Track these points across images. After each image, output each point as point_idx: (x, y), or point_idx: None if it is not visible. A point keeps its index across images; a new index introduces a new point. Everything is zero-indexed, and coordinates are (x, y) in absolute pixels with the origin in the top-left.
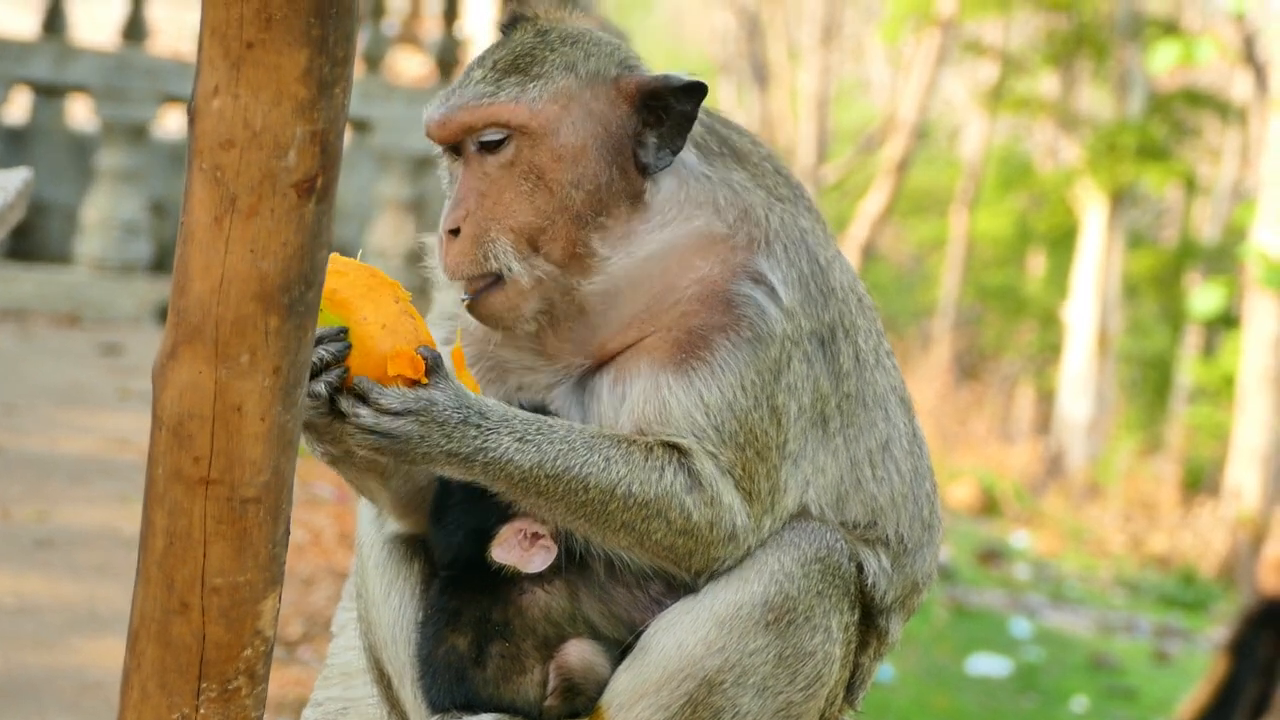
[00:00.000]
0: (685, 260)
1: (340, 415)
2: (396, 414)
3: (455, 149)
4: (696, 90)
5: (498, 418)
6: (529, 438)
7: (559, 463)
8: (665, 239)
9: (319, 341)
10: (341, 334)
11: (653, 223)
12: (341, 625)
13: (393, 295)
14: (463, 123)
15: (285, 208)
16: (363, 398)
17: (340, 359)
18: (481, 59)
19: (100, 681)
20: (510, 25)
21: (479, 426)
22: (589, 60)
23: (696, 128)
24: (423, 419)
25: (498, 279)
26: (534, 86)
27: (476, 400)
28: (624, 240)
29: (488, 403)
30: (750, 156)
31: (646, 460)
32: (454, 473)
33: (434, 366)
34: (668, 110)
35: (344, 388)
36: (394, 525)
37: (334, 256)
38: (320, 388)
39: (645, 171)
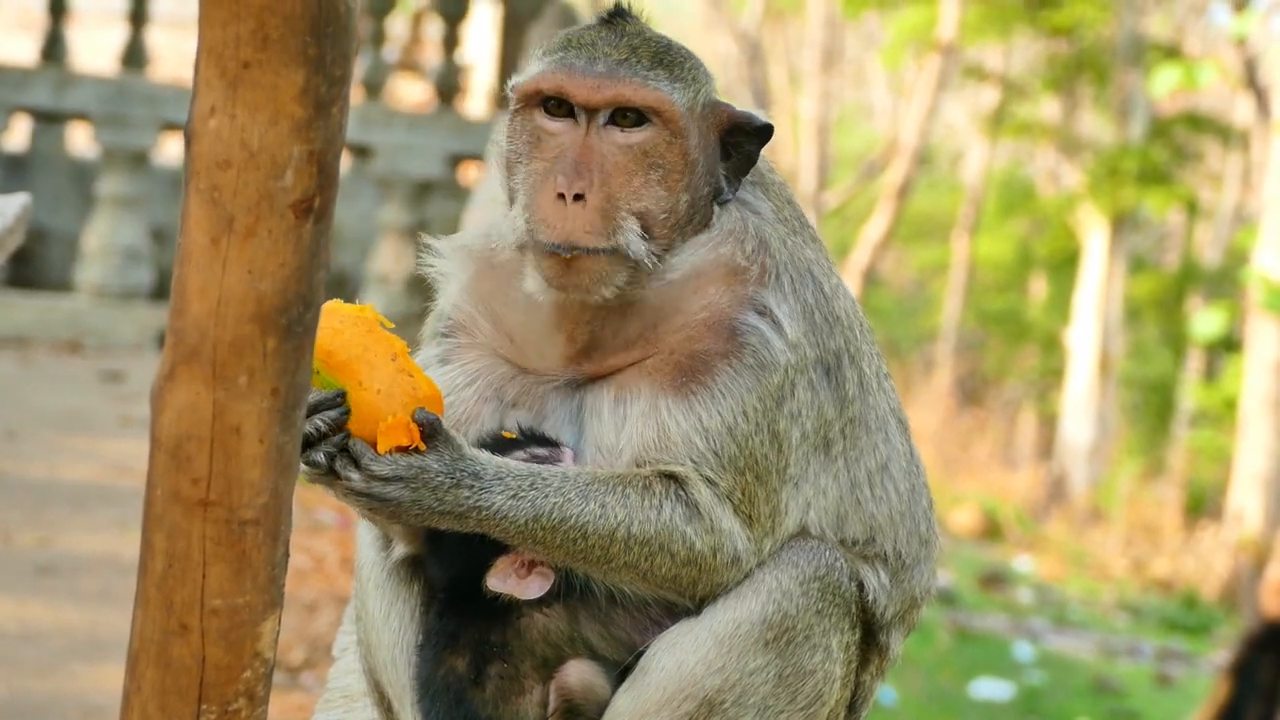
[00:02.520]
0: (701, 287)
1: (336, 475)
2: (387, 480)
3: (562, 107)
4: (766, 134)
5: (491, 476)
6: (522, 494)
7: (554, 515)
8: (696, 260)
9: (316, 409)
10: (339, 398)
11: (701, 241)
12: (342, 649)
13: (389, 353)
14: (621, 94)
15: (283, 228)
16: (355, 462)
17: (337, 428)
18: (603, 39)
19: (102, 707)
20: (620, 15)
21: (471, 488)
22: (708, 81)
23: None
24: (414, 485)
25: (610, 253)
26: (680, 86)
27: (470, 460)
28: (681, 251)
29: (481, 460)
30: (771, 185)
31: (644, 499)
32: (451, 526)
33: (430, 432)
34: (738, 148)
35: (343, 449)
36: (403, 549)
37: (332, 308)
38: (319, 457)
39: (717, 198)
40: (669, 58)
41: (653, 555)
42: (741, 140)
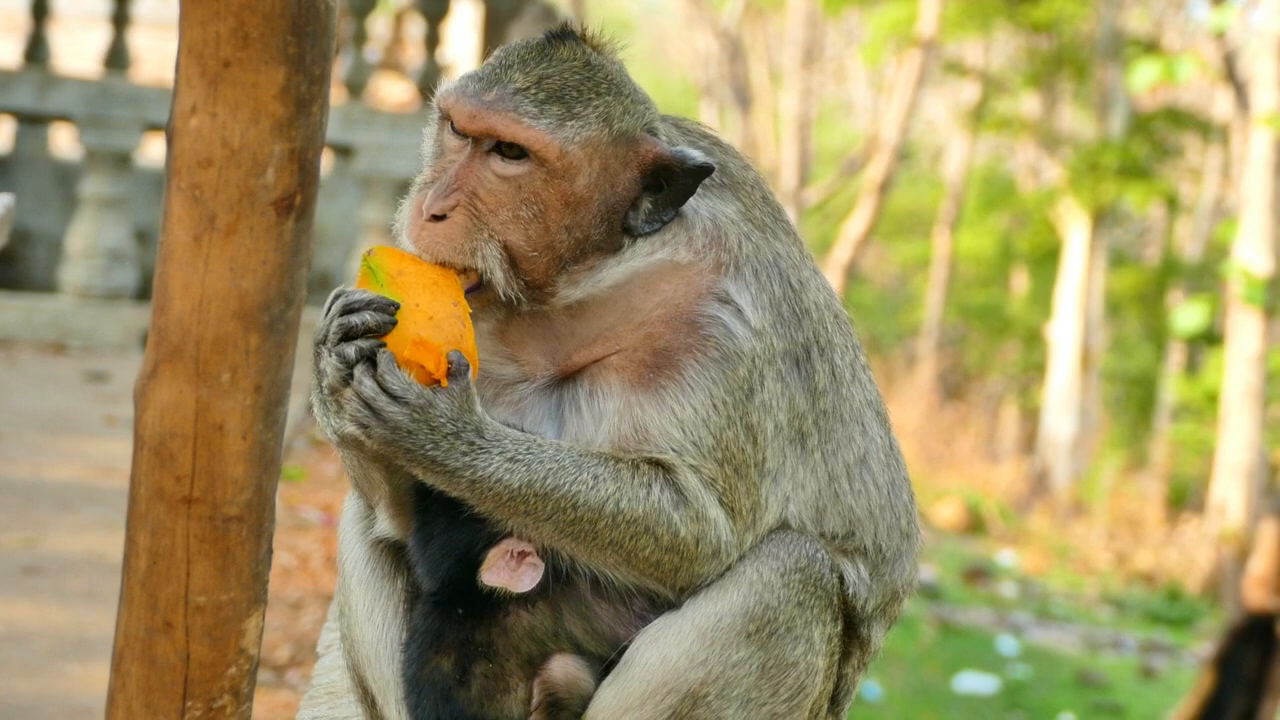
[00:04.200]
0: (649, 284)
1: (350, 378)
2: (394, 397)
3: (460, 131)
4: (704, 172)
5: (491, 436)
6: (519, 457)
7: (548, 481)
8: (627, 269)
9: (369, 306)
10: (392, 306)
11: (622, 260)
12: (327, 645)
13: (453, 298)
14: (493, 126)
15: (264, 226)
16: (374, 367)
17: (381, 330)
18: (524, 62)
19: (88, 707)
20: (559, 37)
21: (471, 444)
22: (623, 118)
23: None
24: (416, 416)
25: (471, 274)
26: (571, 126)
27: (478, 417)
28: (588, 275)
29: (487, 421)
30: (744, 185)
31: (634, 477)
32: (440, 484)
33: (455, 372)
34: (670, 181)
35: (370, 357)
36: (385, 525)
37: (410, 254)
38: (350, 351)
39: (629, 233)
40: (574, 94)
41: (638, 536)
42: (676, 175)
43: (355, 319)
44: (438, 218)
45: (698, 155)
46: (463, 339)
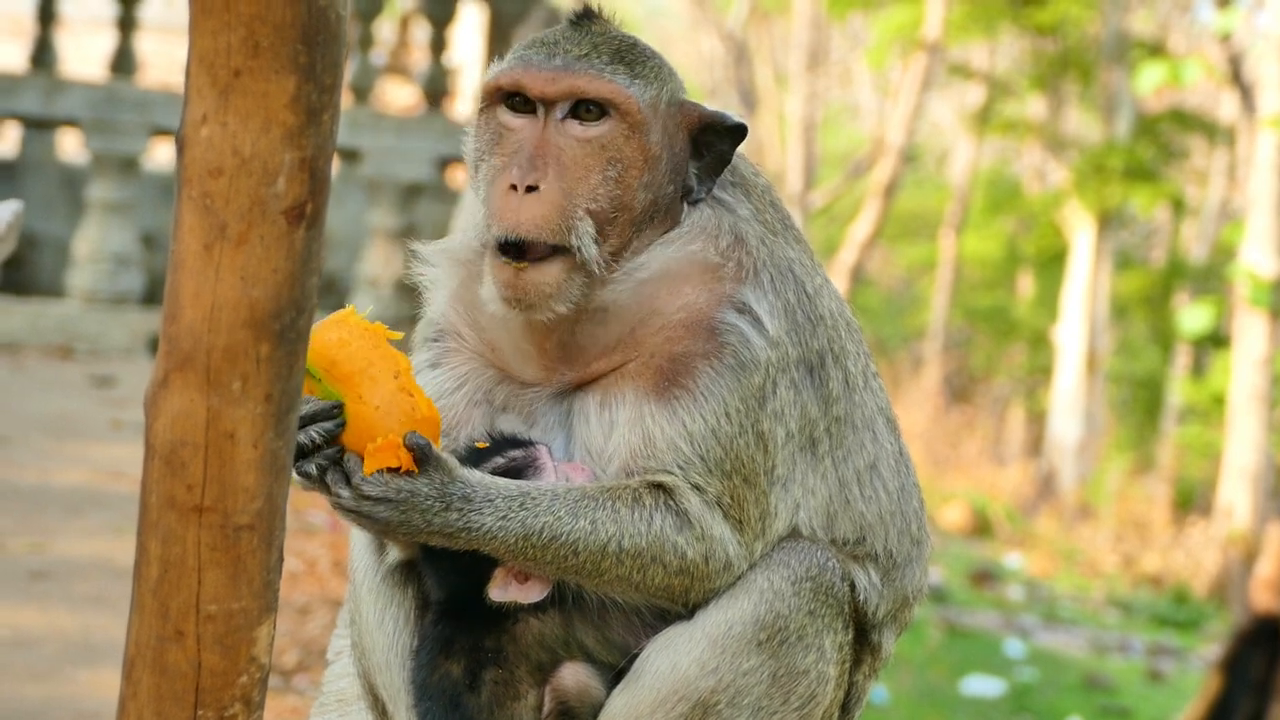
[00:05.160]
0: (675, 287)
1: (327, 488)
2: (376, 500)
3: (525, 103)
4: (740, 133)
5: (480, 498)
6: (512, 515)
7: (544, 534)
8: (666, 258)
9: (313, 420)
10: (336, 410)
11: (670, 238)
12: (337, 652)
13: (393, 370)
14: (576, 86)
15: (275, 234)
16: (347, 478)
17: (331, 440)
18: (568, 37)
19: (96, 712)
20: (587, 17)
21: (460, 510)
22: (670, 79)
23: None
24: (402, 508)
25: (559, 252)
26: (639, 84)
27: (460, 483)
28: (644, 251)
29: (471, 481)
30: (754, 187)
31: (634, 513)
32: (441, 544)
33: (421, 457)
34: (710, 147)
35: (336, 461)
36: (398, 554)
37: (341, 318)
38: (311, 469)
39: (687, 197)
40: (630, 55)
41: (645, 567)
42: (714, 140)
43: (303, 438)
44: (531, 188)
45: (734, 115)
46: (414, 411)
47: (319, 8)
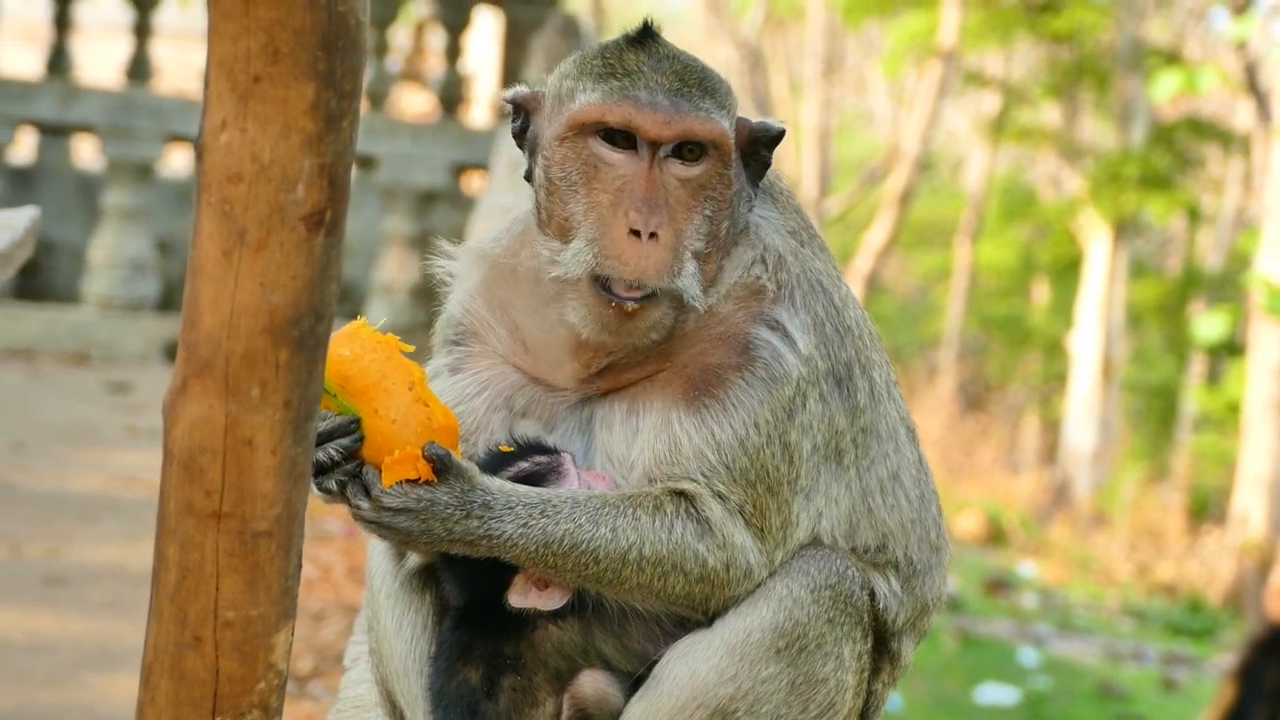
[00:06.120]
0: (726, 302)
1: (348, 501)
2: (396, 511)
3: (625, 139)
4: (780, 138)
5: (501, 506)
6: (532, 522)
7: (565, 542)
8: (729, 284)
9: (330, 436)
10: (353, 425)
11: (732, 263)
12: (354, 658)
13: (407, 381)
14: (690, 129)
15: (294, 241)
16: (366, 491)
17: (350, 455)
18: (652, 61)
19: (112, 718)
20: (651, 35)
21: (481, 518)
22: (732, 100)
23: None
24: (423, 517)
25: (670, 295)
26: (722, 114)
27: (480, 491)
28: (719, 278)
29: (491, 489)
30: (779, 193)
31: (655, 520)
32: (462, 552)
33: (440, 467)
34: (755, 156)
35: (355, 476)
36: (417, 560)
37: (353, 332)
38: (331, 484)
39: (750, 211)
40: (711, 84)
41: (666, 575)
42: (759, 149)
43: (322, 455)
44: (654, 235)
45: (773, 121)
46: (430, 420)
47: (339, 13)
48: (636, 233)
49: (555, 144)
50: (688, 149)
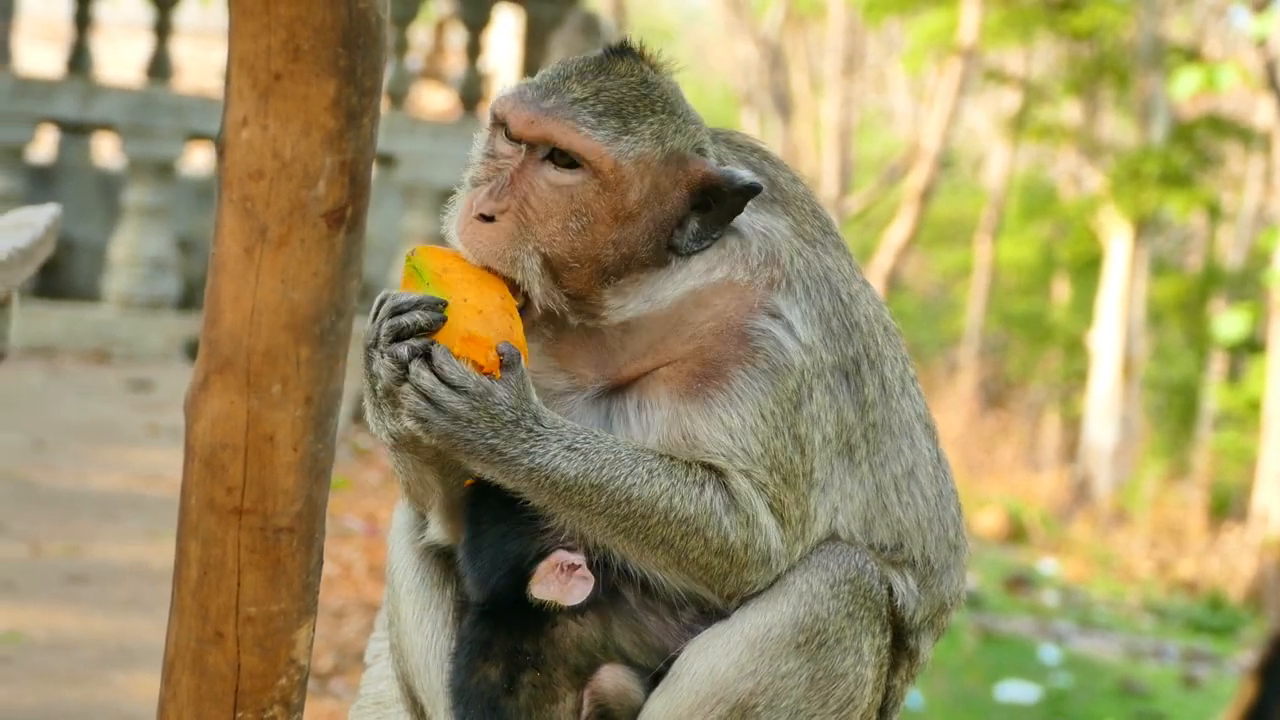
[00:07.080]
0: (703, 300)
1: (406, 373)
2: (453, 387)
3: (516, 137)
4: (752, 191)
5: (549, 424)
6: (576, 445)
7: (604, 472)
8: (685, 288)
9: (418, 306)
10: (440, 305)
11: (675, 277)
12: (375, 655)
13: (499, 292)
14: (550, 133)
15: (315, 238)
16: (429, 361)
17: (432, 329)
18: (583, 74)
19: (134, 715)
20: (619, 53)
21: (530, 430)
22: (675, 136)
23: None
24: (476, 404)
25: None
26: (627, 140)
27: (535, 406)
28: (637, 290)
29: (544, 409)
30: (794, 199)
31: (687, 475)
32: (497, 475)
33: (508, 363)
34: (719, 200)
35: (425, 354)
36: (436, 530)
37: (453, 253)
38: (403, 350)
39: (675, 251)
40: (632, 108)
41: (688, 536)
42: (724, 195)
43: (405, 319)
44: (486, 218)
45: (746, 175)
46: (512, 331)
47: (359, 10)
48: (482, 214)
49: (484, 132)
50: (559, 155)
